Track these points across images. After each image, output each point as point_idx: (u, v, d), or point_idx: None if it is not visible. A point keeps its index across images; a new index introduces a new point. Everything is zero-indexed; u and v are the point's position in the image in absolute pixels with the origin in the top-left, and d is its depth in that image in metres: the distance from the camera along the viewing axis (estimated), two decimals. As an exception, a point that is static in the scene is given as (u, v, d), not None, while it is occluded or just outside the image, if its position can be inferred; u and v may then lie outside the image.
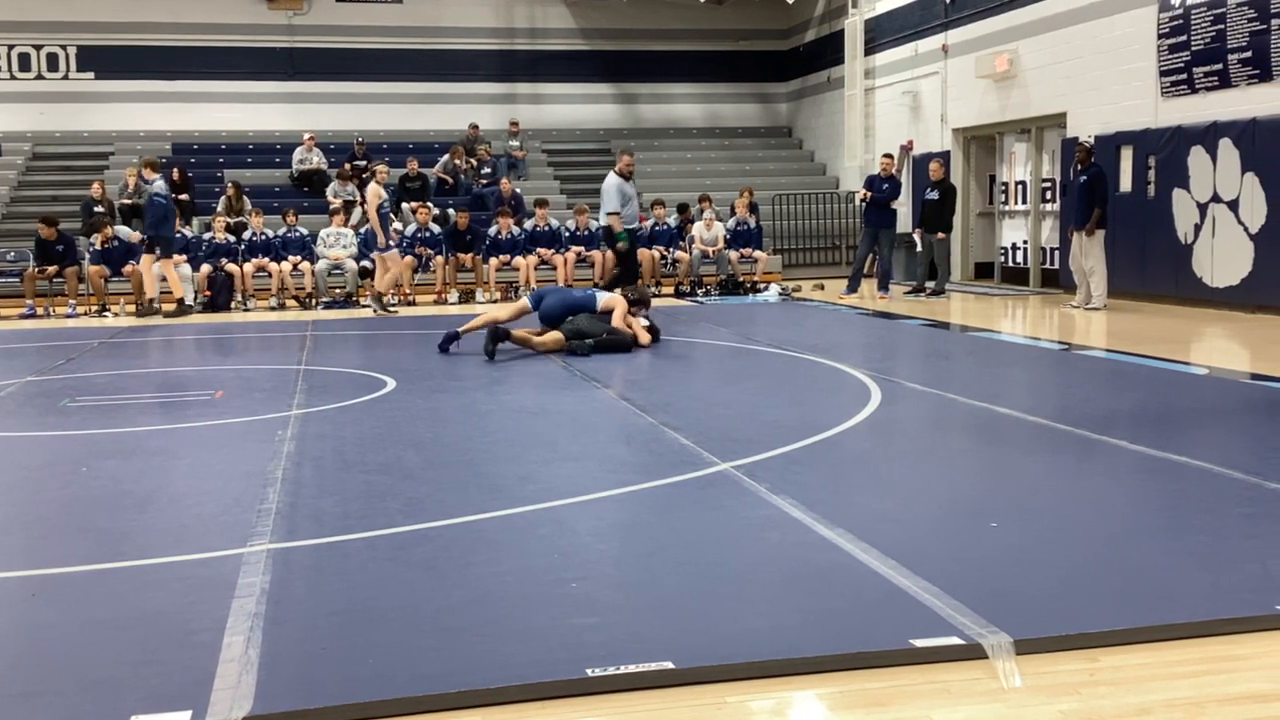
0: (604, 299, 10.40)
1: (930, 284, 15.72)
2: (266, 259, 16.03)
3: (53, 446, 6.53)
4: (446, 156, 20.04)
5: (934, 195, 15.84)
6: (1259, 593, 3.61)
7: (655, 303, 12.22)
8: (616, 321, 10.04)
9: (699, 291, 16.75)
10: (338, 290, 16.09)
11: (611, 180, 13.16)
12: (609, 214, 12.96)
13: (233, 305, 15.70)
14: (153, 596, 3.80)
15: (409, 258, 16.12)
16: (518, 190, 18.85)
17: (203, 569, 4.10)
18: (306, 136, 19.99)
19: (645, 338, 10.17)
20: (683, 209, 18.05)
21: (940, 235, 15.71)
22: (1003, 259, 17.52)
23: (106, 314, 15.15)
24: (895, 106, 19.46)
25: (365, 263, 16.02)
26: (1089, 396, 7.63)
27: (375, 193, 14.44)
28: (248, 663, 3.18)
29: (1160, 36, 13.53)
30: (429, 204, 17.68)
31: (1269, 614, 3.44)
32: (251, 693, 2.99)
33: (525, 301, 10.55)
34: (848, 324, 12.62)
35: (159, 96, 21.37)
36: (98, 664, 3.24)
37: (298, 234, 16.36)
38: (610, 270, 14.12)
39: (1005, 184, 17.56)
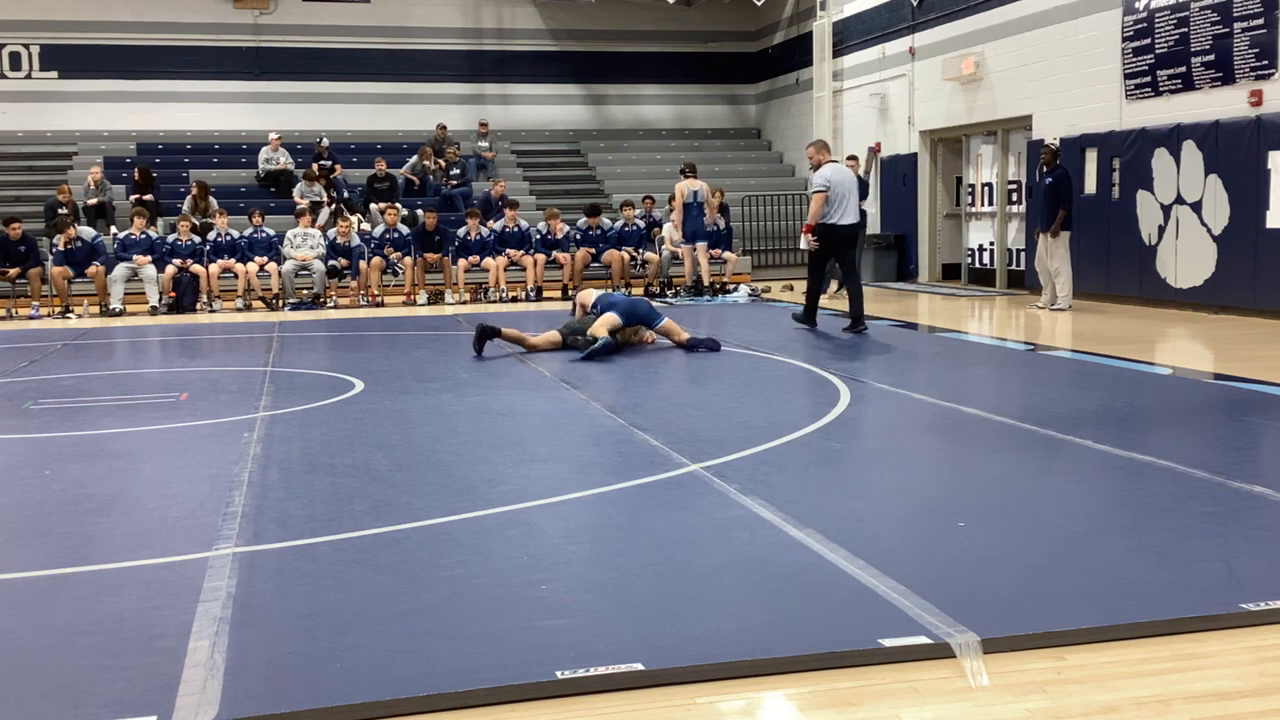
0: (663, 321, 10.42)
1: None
2: (232, 260, 15.91)
3: (15, 450, 6.44)
4: (415, 158, 19.96)
5: None
6: (1223, 591, 3.64)
7: None
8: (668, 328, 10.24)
9: (668, 292, 16.75)
10: (305, 291, 15.99)
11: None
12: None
13: (198, 307, 15.58)
14: (116, 601, 3.76)
15: (376, 259, 16.08)
16: (495, 192, 18.71)
17: (167, 573, 4.06)
18: (272, 136, 19.85)
19: (683, 336, 10.21)
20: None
21: None
22: (969, 260, 17.64)
23: (70, 315, 15.00)
24: (863, 109, 19.56)
25: (334, 262, 15.94)
26: (1055, 397, 7.69)
27: (683, 190, 15.78)
28: (213, 667, 3.15)
29: (1125, 39, 13.66)
30: (397, 205, 17.61)
31: (1233, 612, 3.47)
32: (217, 698, 2.96)
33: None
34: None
35: (123, 96, 21.17)
36: (60, 669, 3.20)
37: (264, 235, 16.24)
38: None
39: (972, 186, 17.68)
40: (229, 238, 16.10)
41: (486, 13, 23.01)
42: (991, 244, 17.07)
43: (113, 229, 16.92)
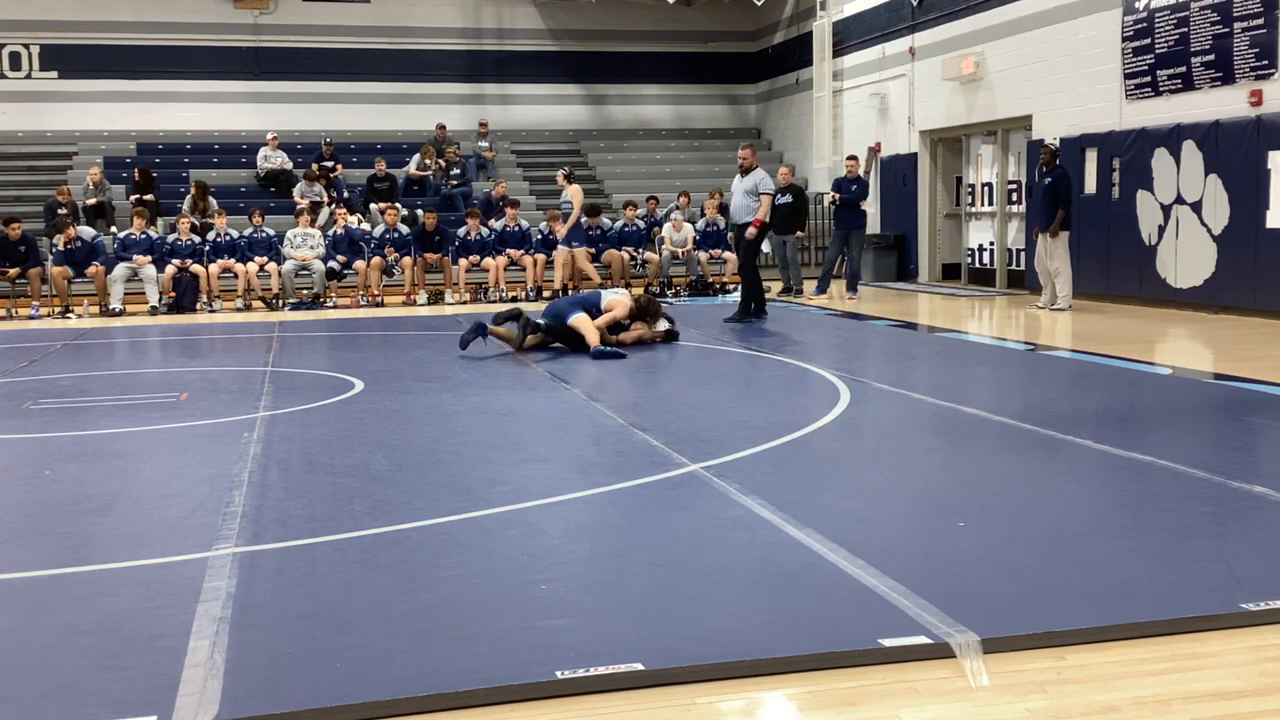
0: (608, 298, 10.34)
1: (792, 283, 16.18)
2: (232, 260, 15.91)
3: (14, 450, 6.44)
4: (417, 156, 19.94)
5: (786, 199, 15.63)
6: (1223, 591, 3.65)
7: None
8: (599, 322, 9.90)
9: (669, 293, 16.75)
10: (304, 291, 15.98)
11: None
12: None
13: (198, 307, 15.58)
14: (116, 601, 3.76)
15: (376, 259, 16.08)
16: (496, 192, 18.70)
17: (167, 573, 4.06)
18: (270, 136, 19.85)
19: (594, 340, 9.73)
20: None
21: (799, 233, 16.27)
22: (969, 260, 17.63)
23: (70, 315, 14.99)
24: (863, 108, 19.56)
25: (332, 263, 15.94)
26: (1054, 396, 7.69)
27: (578, 192, 16.11)
28: (213, 667, 3.15)
29: (1125, 39, 13.66)
30: (397, 205, 17.60)
31: (1233, 612, 3.47)
32: (217, 698, 2.96)
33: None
34: (817, 325, 12.67)
35: (123, 96, 21.15)
36: (60, 669, 3.20)
37: (264, 235, 16.24)
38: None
39: (972, 186, 17.68)
40: (229, 238, 16.09)
41: (486, 13, 23.00)
42: (991, 244, 17.07)
43: (113, 229, 16.92)
